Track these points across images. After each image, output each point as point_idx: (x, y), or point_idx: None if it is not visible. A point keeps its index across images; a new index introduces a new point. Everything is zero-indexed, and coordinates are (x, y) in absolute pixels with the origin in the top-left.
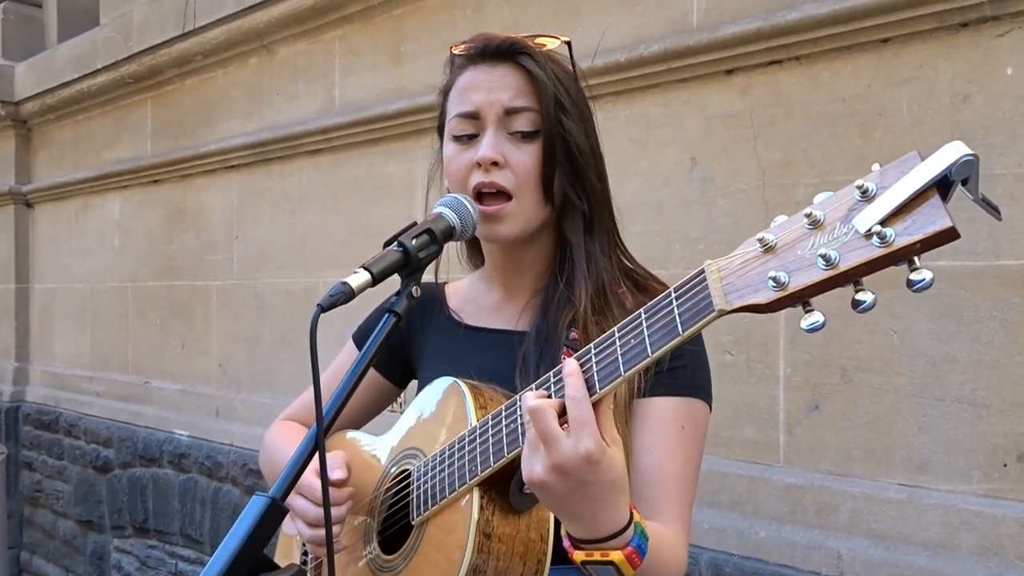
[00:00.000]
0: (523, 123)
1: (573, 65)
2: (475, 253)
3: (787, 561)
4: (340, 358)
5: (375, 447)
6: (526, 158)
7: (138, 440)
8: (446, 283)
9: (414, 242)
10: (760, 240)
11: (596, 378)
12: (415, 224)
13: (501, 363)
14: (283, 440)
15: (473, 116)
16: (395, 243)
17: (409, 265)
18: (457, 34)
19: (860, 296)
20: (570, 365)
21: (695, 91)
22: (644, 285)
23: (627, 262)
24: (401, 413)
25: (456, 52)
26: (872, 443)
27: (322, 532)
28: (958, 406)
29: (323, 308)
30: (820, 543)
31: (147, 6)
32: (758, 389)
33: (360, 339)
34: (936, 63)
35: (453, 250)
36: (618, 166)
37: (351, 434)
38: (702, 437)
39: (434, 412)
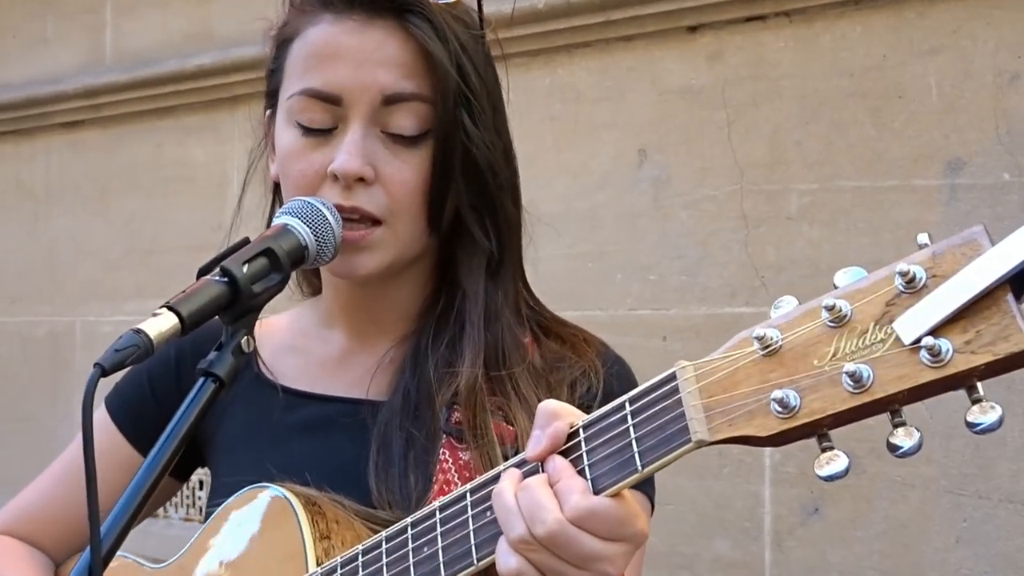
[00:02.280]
0: (406, 120)
1: (481, 20)
2: (314, 275)
3: None
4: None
5: None
6: (407, 172)
7: None
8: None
9: (246, 269)
10: (759, 338)
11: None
12: (247, 241)
13: (345, 451)
14: None
15: (332, 100)
16: (217, 270)
17: (237, 304)
18: None
19: (900, 439)
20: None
21: (644, 54)
22: (557, 331)
23: (533, 304)
24: (191, 539)
25: None
26: (893, 560)
27: None
28: (1009, 507)
29: (105, 370)
30: None
31: None
32: (735, 485)
33: (122, 410)
34: (974, 29)
35: None
36: (533, 157)
37: (120, 559)
38: (640, 555)
39: (249, 545)
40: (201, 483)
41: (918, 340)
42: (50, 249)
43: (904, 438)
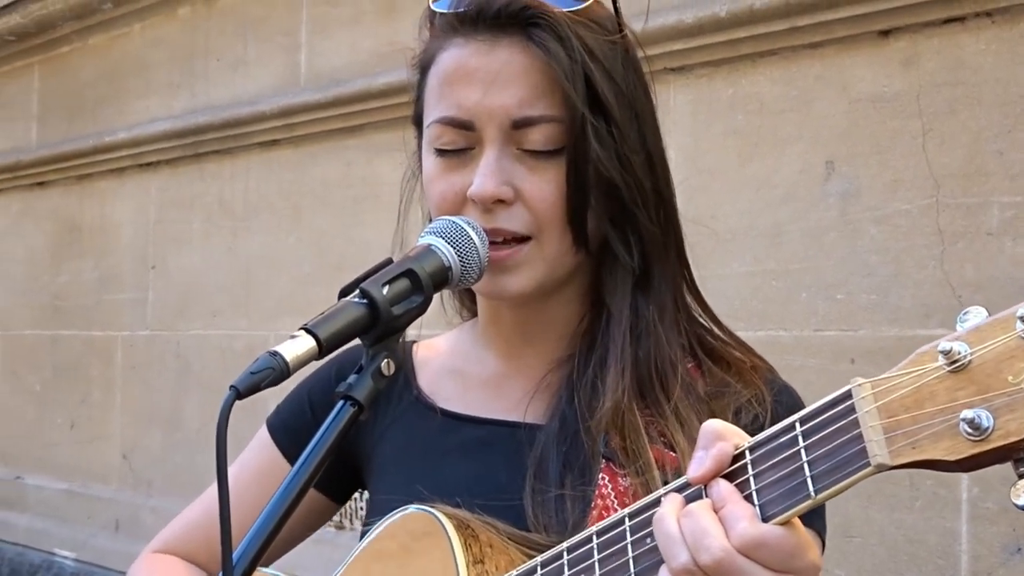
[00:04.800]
0: (539, 139)
1: (620, 27)
2: (468, 297)
3: None
4: (249, 456)
5: None
6: (545, 186)
7: (2, 563)
8: (414, 342)
9: (386, 291)
10: (945, 352)
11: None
12: (389, 262)
13: (500, 474)
14: None
15: (465, 126)
16: (357, 292)
17: (377, 327)
18: None
19: None
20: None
21: (832, 61)
22: (723, 355)
23: (703, 321)
24: (345, 560)
25: (435, 6)
26: None
27: None
28: None
29: (240, 393)
30: None
31: None
32: (928, 519)
33: (282, 430)
34: None
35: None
36: (714, 171)
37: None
38: None
39: (401, 568)
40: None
41: None
42: (247, 265)
43: None
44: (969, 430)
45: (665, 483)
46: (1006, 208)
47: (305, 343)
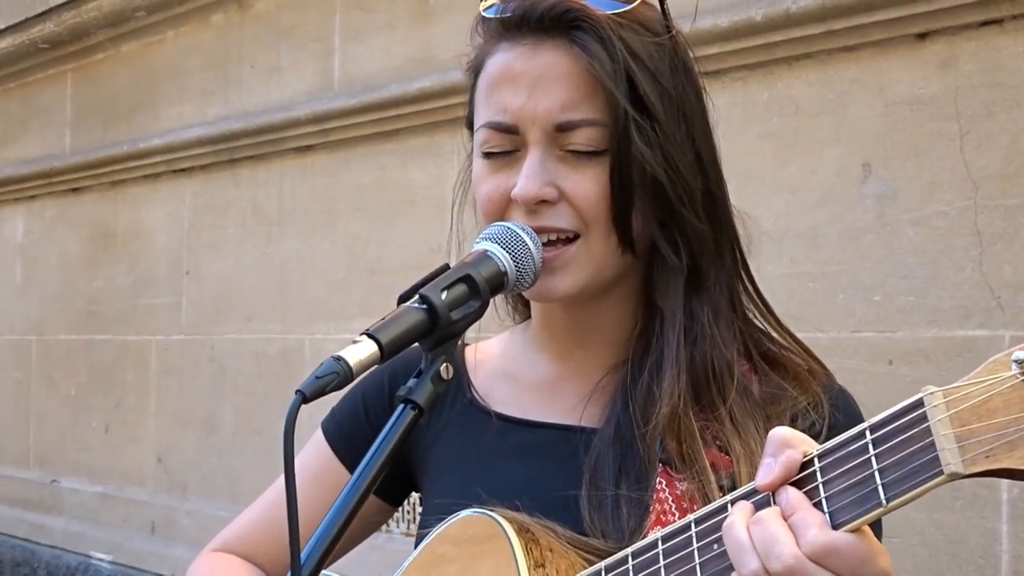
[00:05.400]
0: (582, 141)
1: (668, 29)
2: (520, 300)
3: None
4: (305, 459)
5: None
6: (588, 185)
7: (39, 565)
8: (467, 345)
9: (445, 296)
10: (1019, 362)
11: None
12: (447, 268)
13: (555, 478)
14: None
15: (510, 130)
16: (416, 297)
17: (436, 331)
18: None
19: None
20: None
21: (869, 64)
22: (780, 359)
23: (759, 321)
24: (404, 563)
25: (485, 12)
26: None
27: None
28: None
29: (305, 397)
30: None
31: None
32: (969, 519)
33: (336, 433)
34: None
35: None
36: (750, 175)
37: None
38: None
39: (461, 572)
40: (421, 499)
41: None
42: (281, 269)
43: None
44: None
45: (720, 487)
46: None
47: (367, 348)
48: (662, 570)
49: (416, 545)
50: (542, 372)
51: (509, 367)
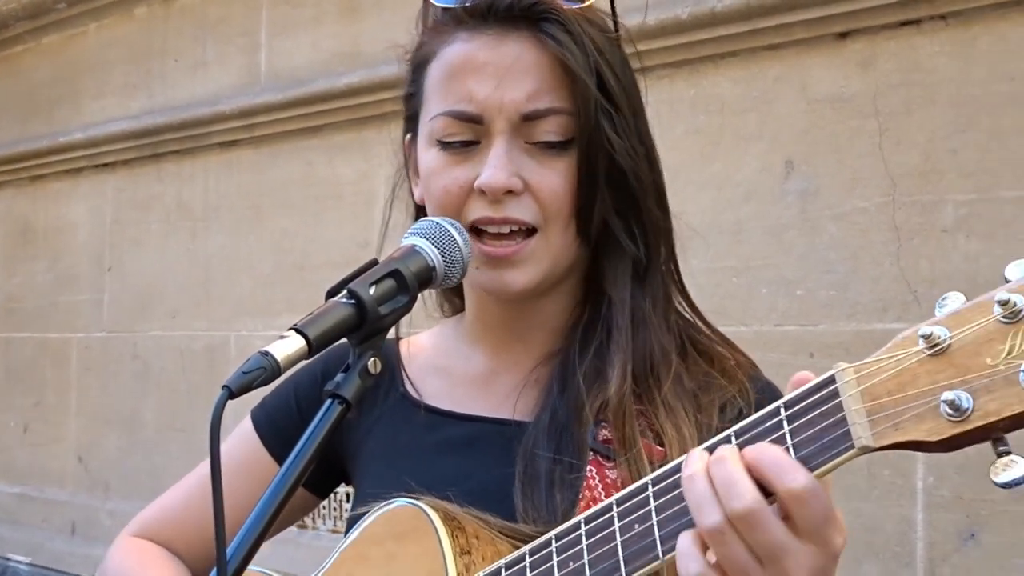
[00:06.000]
0: (550, 131)
1: (616, 26)
2: (452, 294)
3: None
4: (231, 447)
5: None
6: (555, 178)
7: None
8: (399, 339)
9: (373, 291)
10: (926, 337)
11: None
12: (375, 263)
13: (488, 470)
14: None
15: (473, 119)
16: (344, 292)
17: (364, 326)
18: None
19: None
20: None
21: (792, 62)
22: (708, 350)
23: (688, 315)
24: (332, 555)
25: (438, 2)
26: None
27: None
28: None
29: (232, 392)
30: None
31: None
32: (885, 507)
33: (267, 424)
34: None
35: None
36: (677, 171)
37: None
38: None
39: (388, 561)
40: (348, 495)
41: None
42: (206, 266)
43: None
44: (950, 411)
45: None
46: (960, 206)
47: (295, 343)
48: (584, 551)
49: (346, 534)
50: (476, 365)
51: (441, 361)
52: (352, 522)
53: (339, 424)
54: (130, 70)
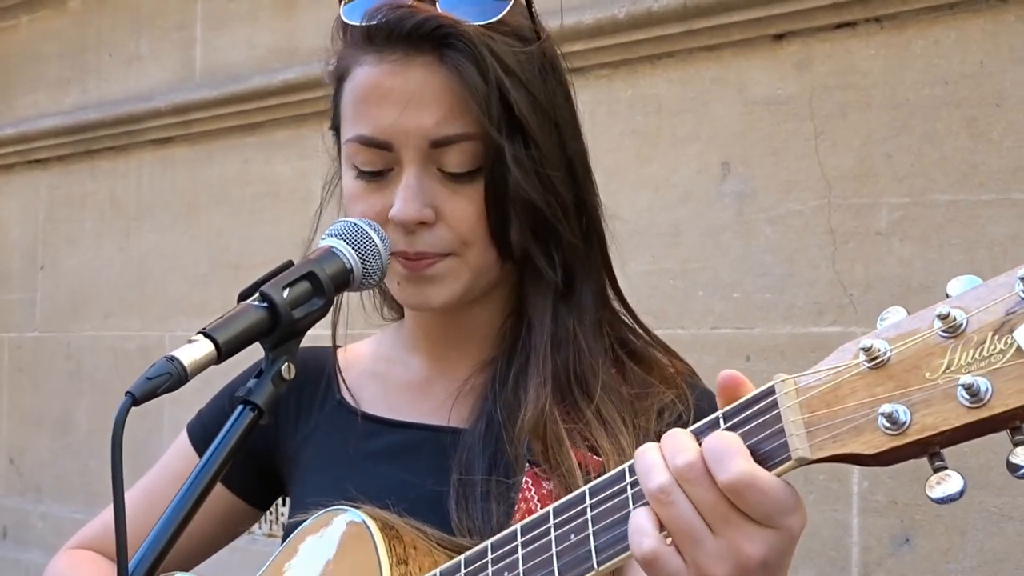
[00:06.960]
0: (457, 158)
1: (536, 29)
2: (394, 300)
3: None
4: (168, 460)
5: None
6: (467, 206)
7: None
8: (338, 347)
9: (287, 294)
10: (866, 350)
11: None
12: (290, 264)
13: (424, 478)
14: None
15: (383, 147)
16: (256, 295)
17: (277, 330)
18: None
19: (1022, 458)
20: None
21: (729, 64)
22: (646, 356)
23: (626, 319)
24: (268, 561)
25: (346, 16)
26: None
27: None
28: None
29: (136, 399)
30: None
31: None
32: (821, 512)
33: (201, 435)
34: None
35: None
36: (613, 171)
37: None
38: None
39: (325, 569)
40: (285, 500)
41: None
42: (140, 264)
43: None
44: (887, 424)
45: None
46: (894, 209)
47: (203, 347)
48: (520, 560)
49: (282, 542)
50: (413, 372)
51: (380, 367)
52: (290, 529)
53: (251, 431)
54: (63, 64)
